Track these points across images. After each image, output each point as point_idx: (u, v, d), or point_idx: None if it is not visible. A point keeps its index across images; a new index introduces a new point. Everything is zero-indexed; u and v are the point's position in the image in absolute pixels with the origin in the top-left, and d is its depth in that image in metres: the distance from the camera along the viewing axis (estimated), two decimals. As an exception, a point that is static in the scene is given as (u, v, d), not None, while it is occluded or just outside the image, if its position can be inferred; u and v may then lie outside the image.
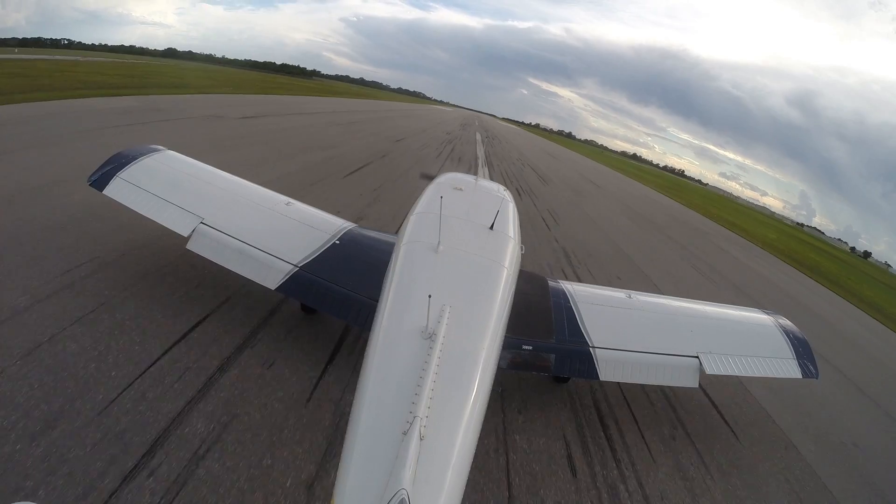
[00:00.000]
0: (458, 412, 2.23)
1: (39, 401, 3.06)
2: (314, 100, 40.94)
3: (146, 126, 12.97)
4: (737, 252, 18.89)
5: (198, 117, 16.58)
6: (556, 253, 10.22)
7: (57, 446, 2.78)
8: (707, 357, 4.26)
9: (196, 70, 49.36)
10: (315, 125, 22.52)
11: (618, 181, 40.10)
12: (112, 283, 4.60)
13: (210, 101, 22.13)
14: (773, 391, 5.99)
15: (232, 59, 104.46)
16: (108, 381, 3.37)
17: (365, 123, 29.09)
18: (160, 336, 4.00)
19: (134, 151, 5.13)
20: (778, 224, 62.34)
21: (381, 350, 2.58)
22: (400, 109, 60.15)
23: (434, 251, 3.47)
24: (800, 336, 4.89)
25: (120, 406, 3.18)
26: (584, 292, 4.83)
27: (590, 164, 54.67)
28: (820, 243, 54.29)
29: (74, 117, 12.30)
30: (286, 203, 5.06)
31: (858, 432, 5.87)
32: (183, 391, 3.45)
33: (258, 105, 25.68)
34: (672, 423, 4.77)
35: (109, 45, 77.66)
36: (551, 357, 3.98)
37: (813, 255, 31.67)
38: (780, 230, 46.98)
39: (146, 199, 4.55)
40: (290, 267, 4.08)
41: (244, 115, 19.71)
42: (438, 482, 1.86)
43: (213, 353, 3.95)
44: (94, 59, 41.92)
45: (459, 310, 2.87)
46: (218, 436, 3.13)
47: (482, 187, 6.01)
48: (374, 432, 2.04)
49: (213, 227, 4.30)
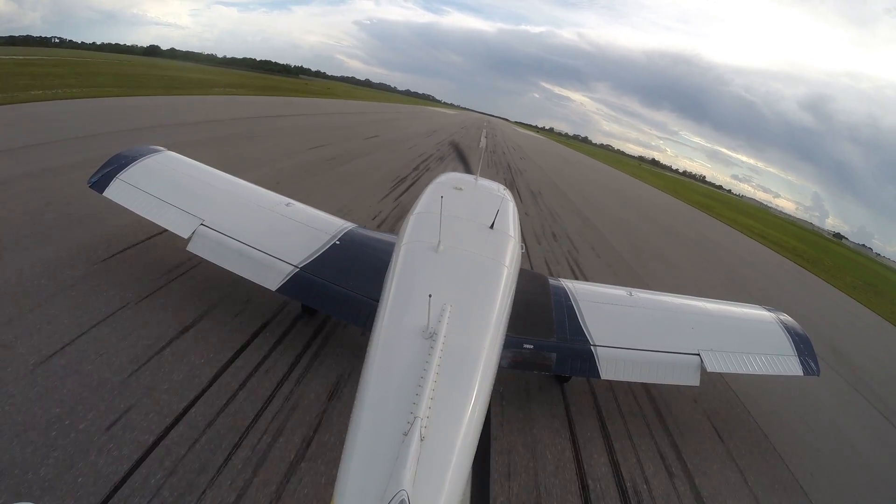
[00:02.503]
0: (458, 412, 2.22)
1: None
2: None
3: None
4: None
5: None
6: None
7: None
8: (708, 354, 4.24)
9: (147, 68, 38.77)
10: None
11: (680, 211, 29.35)
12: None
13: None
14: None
15: (212, 56, 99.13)
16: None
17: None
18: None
19: (134, 152, 5.13)
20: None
21: (382, 350, 2.58)
22: (378, 113, 44.25)
23: (434, 251, 3.46)
24: (801, 333, 4.87)
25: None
26: (585, 290, 4.81)
27: (625, 178, 43.86)
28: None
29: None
30: (286, 204, 5.06)
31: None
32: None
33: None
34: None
35: (98, 44, 75.99)
36: (552, 356, 3.97)
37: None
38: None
39: (146, 201, 4.55)
40: (291, 268, 4.08)
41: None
42: (439, 483, 1.86)
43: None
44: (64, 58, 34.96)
45: (460, 309, 2.86)
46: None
47: (482, 186, 6.00)
48: (375, 433, 2.03)
49: (214, 228, 4.30)
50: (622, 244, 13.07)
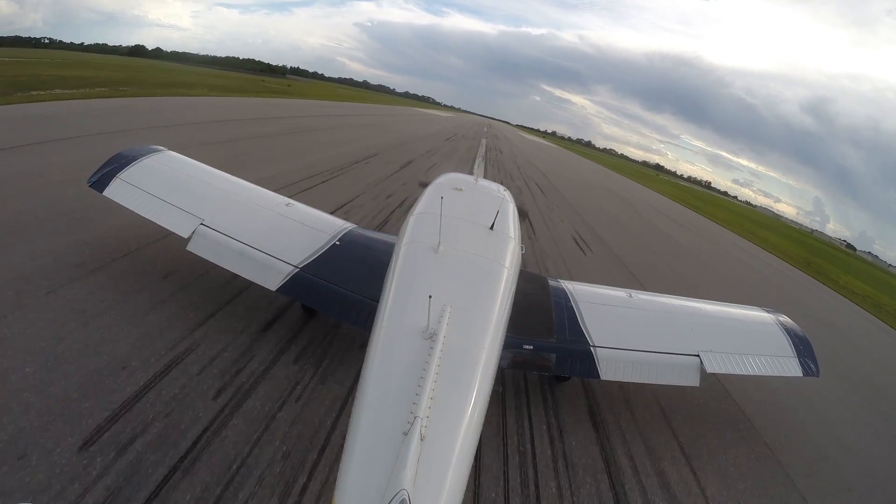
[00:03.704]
0: (458, 412, 2.22)
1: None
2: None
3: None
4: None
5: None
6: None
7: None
8: (708, 356, 4.24)
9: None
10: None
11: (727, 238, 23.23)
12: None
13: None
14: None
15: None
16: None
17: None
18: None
19: (134, 152, 5.12)
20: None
21: (382, 350, 2.58)
22: (356, 115, 35.94)
23: (434, 251, 3.46)
24: (801, 334, 4.87)
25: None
26: (585, 291, 4.81)
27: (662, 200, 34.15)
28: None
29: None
30: (286, 204, 5.05)
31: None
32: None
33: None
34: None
35: (85, 45, 72.81)
36: (552, 357, 3.97)
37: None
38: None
39: (146, 200, 4.53)
40: (291, 268, 4.08)
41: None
42: (439, 482, 1.86)
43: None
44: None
45: (460, 310, 2.86)
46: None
47: (482, 187, 6.00)
48: (375, 432, 2.04)
49: (214, 228, 4.30)
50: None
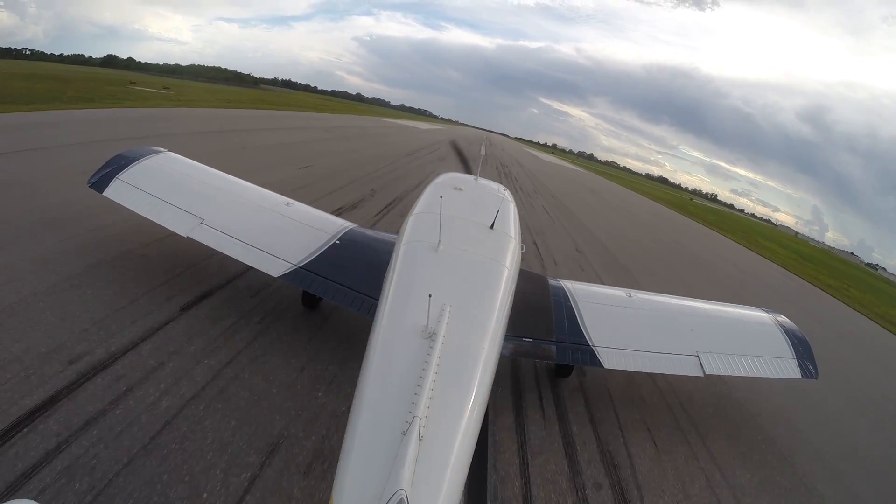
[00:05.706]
0: (457, 412, 2.22)
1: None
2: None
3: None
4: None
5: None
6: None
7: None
8: (706, 356, 4.24)
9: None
10: None
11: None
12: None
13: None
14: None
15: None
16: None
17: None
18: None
19: (134, 153, 5.13)
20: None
21: (381, 349, 2.57)
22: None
23: (434, 250, 3.46)
24: (800, 335, 4.85)
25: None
26: (585, 291, 4.81)
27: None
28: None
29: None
30: (286, 204, 5.05)
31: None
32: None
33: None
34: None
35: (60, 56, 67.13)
36: (552, 355, 3.97)
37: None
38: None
39: (146, 201, 4.54)
40: (291, 267, 4.09)
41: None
42: (437, 483, 1.85)
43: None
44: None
45: (460, 309, 2.86)
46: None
47: (482, 187, 6.00)
48: (374, 432, 2.03)
49: (214, 227, 4.30)
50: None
